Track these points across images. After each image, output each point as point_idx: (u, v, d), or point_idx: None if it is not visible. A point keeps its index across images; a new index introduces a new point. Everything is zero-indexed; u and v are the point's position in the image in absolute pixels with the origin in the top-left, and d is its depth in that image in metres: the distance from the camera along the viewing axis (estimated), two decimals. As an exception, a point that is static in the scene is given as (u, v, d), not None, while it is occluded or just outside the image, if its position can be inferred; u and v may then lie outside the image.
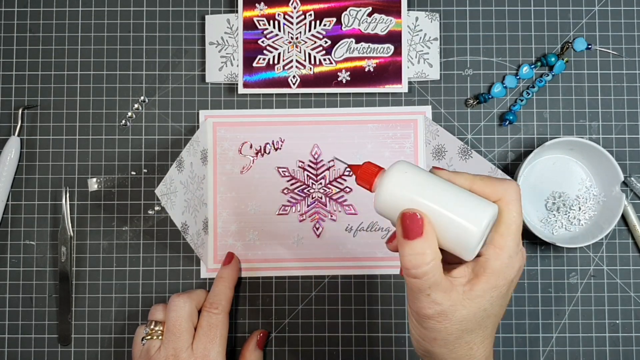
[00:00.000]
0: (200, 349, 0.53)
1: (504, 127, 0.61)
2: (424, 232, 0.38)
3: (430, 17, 0.60)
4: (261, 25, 0.60)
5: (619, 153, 0.61)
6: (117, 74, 0.61)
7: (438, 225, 0.38)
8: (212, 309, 0.55)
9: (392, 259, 0.60)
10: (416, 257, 0.38)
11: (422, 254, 0.38)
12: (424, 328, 0.41)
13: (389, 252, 0.59)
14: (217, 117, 0.61)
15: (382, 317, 0.60)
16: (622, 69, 0.61)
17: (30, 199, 0.60)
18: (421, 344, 0.42)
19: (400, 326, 0.60)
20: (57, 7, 0.62)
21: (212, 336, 0.54)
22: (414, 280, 0.39)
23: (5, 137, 0.60)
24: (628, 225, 0.60)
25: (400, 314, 0.60)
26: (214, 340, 0.54)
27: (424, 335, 0.42)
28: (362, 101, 0.61)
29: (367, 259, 0.60)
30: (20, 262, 0.60)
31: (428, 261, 0.38)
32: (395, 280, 0.60)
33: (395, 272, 0.60)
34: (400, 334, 0.60)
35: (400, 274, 0.40)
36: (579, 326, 0.60)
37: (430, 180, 0.39)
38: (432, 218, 0.38)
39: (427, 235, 0.38)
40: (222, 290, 0.56)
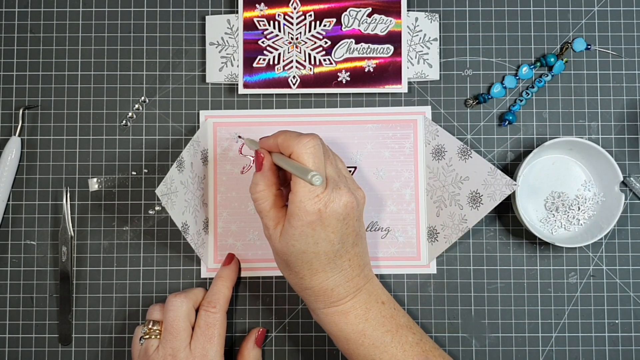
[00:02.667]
0: (199, 349, 0.53)
1: (504, 127, 0.61)
2: (262, 168, 0.50)
3: (429, 17, 0.61)
4: (261, 25, 0.60)
5: (618, 153, 0.61)
6: (118, 74, 0.62)
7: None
8: (209, 308, 0.55)
9: (392, 259, 0.60)
10: (253, 185, 0.50)
11: (256, 184, 0.50)
12: (272, 252, 0.52)
13: (389, 252, 0.60)
14: (218, 118, 0.61)
15: (382, 316, 0.60)
16: (622, 69, 0.61)
17: (31, 199, 0.61)
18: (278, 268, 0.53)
19: (400, 326, 0.60)
20: (58, 7, 0.62)
21: (210, 335, 0.54)
22: (254, 204, 0.51)
23: (6, 137, 0.61)
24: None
25: (400, 313, 0.60)
26: (211, 339, 0.54)
27: (275, 259, 0.52)
28: (362, 101, 0.61)
29: (367, 259, 0.60)
30: (21, 262, 0.60)
31: (259, 190, 0.50)
32: (395, 280, 0.60)
33: (395, 271, 0.60)
34: (400, 334, 0.60)
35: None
36: (578, 326, 0.60)
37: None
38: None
39: (264, 171, 0.50)
40: (220, 289, 0.56)
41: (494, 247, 0.60)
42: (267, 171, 0.50)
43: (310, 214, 0.47)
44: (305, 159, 0.47)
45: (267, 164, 0.50)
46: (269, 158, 0.50)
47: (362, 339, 0.51)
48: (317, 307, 0.52)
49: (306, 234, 0.47)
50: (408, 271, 0.60)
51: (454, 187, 0.58)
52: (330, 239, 0.48)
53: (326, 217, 0.47)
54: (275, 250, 0.50)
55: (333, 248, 0.49)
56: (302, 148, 0.47)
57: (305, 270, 0.50)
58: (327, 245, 0.48)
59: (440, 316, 0.60)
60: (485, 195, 0.56)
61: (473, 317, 0.60)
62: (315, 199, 0.47)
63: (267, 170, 0.50)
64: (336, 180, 0.49)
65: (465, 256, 0.60)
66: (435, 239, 0.59)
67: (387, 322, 0.51)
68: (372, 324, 0.51)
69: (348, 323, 0.51)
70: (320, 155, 0.48)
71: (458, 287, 0.60)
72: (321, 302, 0.51)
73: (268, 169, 0.50)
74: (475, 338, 0.60)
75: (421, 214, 0.60)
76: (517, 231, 0.60)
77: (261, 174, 0.50)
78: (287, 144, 0.49)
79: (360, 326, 0.51)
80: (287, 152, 0.49)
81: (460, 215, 0.58)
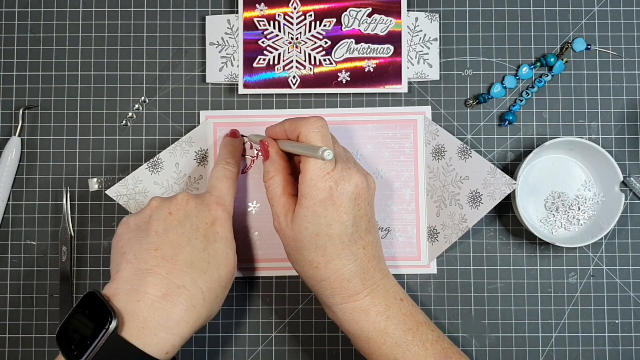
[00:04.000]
0: (218, 189, 0.53)
1: (504, 127, 0.61)
2: (269, 155, 0.51)
3: (430, 17, 0.61)
4: (261, 25, 0.60)
5: (618, 153, 0.61)
6: (118, 74, 0.62)
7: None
8: (226, 165, 0.55)
9: (393, 259, 0.60)
10: (264, 173, 0.51)
11: (267, 172, 0.51)
12: (283, 245, 0.51)
13: (389, 252, 0.60)
14: (218, 118, 0.61)
15: (382, 316, 0.60)
16: (622, 69, 0.61)
17: (31, 199, 0.61)
18: (290, 262, 0.52)
19: (400, 326, 0.60)
20: (58, 7, 0.62)
21: (230, 185, 0.54)
22: (266, 192, 0.51)
23: (6, 137, 0.61)
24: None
25: (400, 313, 0.60)
26: (230, 188, 0.54)
27: (286, 253, 0.51)
28: (362, 101, 0.61)
29: (367, 259, 0.60)
30: (21, 262, 0.60)
31: (270, 176, 0.51)
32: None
33: (395, 271, 0.60)
34: (400, 334, 0.60)
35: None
36: (578, 326, 0.60)
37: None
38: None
39: (272, 158, 0.51)
40: (229, 149, 0.57)
41: (494, 247, 0.60)
42: (275, 156, 0.51)
43: (321, 190, 0.47)
44: (313, 137, 0.48)
45: (273, 150, 0.51)
46: (274, 144, 0.51)
47: (384, 337, 0.49)
48: (335, 303, 0.50)
49: (318, 214, 0.47)
50: (408, 271, 0.60)
51: (454, 187, 0.58)
52: (343, 220, 0.48)
53: (337, 196, 0.47)
54: (287, 239, 0.50)
55: (347, 231, 0.48)
56: (310, 127, 0.48)
57: (319, 256, 0.48)
58: (340, 227, 0.48)
59: (440, 316, 0.60)
60: (485, 194, 0.56)
61: (473, 317, 0.60)
62: (326, 176, 0.47)
63: (274, 155, 0.51)
64: (344, 160, 0.49)
65: (466, 256, 0.60)
66: (435, 239, 0.59)
67: (407, 320, 0.50)
68: (394, 322, 0.49)
69: (369, 321, 0.49)
70: (328, 133, 0.49)
71: (458, 287, 0.60)
72: (338, 295, 0.49)
73: (275, 154, 0.51)
74: (475, 338, 0.60)
75: (421, 213, 0.60)
76: (517, 231, 0.60)
77: (270, 161, 0.51)
78: (294, 127, 0.49)
79: (382, 324, 0.49)
80: (295, 135, 0.49)
81: (460, 214, 0.58)
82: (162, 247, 0.47)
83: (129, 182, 0.57)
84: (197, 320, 0.46)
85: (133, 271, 0.46)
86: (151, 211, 0.50)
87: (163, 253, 0.47)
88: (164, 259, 0.46)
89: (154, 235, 0.47)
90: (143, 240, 0.47)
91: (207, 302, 0.47)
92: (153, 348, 0.43)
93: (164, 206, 0.49)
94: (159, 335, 0.44)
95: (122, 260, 0.47)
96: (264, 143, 0.52)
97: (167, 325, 0.44)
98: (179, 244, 0.47)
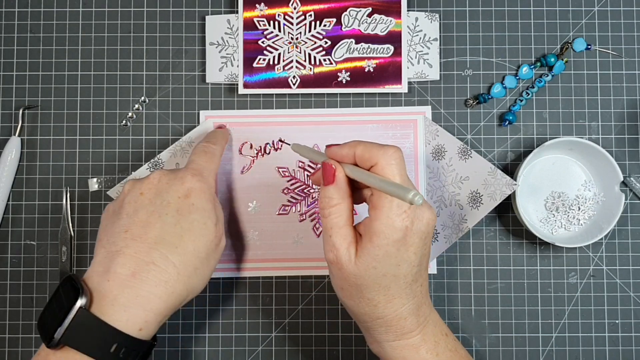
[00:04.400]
0: (196, 162, 0.52)
1: (504, 127, 0.61)
2: (335, 180, 0.46)
3: (430, 17, 0.61)
4: (261, 25, 0.60)
5: (618, 153, 0.61)
6: (118, 75, 0.62)
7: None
8: (209, 144, 0.55)
9: (392, 259, 0.60)
10: (325, 199, 0.46)
11: (330, 198, 0.46)
12: (332, 276, 0.47)
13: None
14: (218, 118, 0.61)
15: (382, 316, 0.60)
16: (622, 69, 0.61)
17: (31, 199, 0.61)
18: (337, 294, 0.48)
19: (400, 326, 0.60)
20: (58, 7, 0.62)
21: (208, 158, 0.53)
22: (323, 220, 0.47)
23: (6, 138, 0.61)
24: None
25: (400, 313, 0.60)
26: (208, 161, 0.53)
27: (334, 285, 0.48)
28: (362, 101, 0.61)
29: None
30: (20, 262, 0.60)
31: (334, 204, 0.46)
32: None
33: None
34: (400, 334, 0.60)
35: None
36: (578, 326, 0.60)
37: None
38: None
39: (338, 183, 0.46)
40: (217, 132, 0.58)
41: (494, 247, 0.60)
42: (342, 183, 0.46)
43: (397, 231, 0.44)
44: (391, 171, 0.44)
45: (341, 176, 0.46)
46: (342, 169, 0.47)
47: None
48: (387, 340, 0.47)
49: (390, 254, 0.44)
50: (408, 271, 0.60)
51: (454, 187, 0.58)
52: (411, 260, 0.45)
53: (411, 236, 0.44)
54: (345, 273, 0.45)
55: (412, 271, 0.45)
56: (389, 159, 0.44)
57: (381, 296, 0.46)
58: (407, 267, 0.45)
59: (440, 316, 0.60)
60: (486, 195, 0.56)
61: (473, 317, 0.60)
62: (403, 215, 0.44)
63: (341, 182, 0.46)
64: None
65: (466, 256, 0.60)
66: (435, 239, 0.59)
67: (454, 357, 0.48)
68: (442, 358, 0.48)
69: (419, 358, 0.47)
70: (405, 167, 0.46)
71: (458, 287, 0.60)
72: (392, 333, 0.47)
73: (343, 180, 0.46)
74: (476, 338, 0.60)
75: (421, 214, 0.60)
76: (517, 231, 0.60)
77: (336, 188, 0.46)
78: (369, 155, 0.45)
79: None
80: (368, 164, 0.45)
81: (461, 215, 0.58)
82: (131, 228, 0.47)
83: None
84: (172, 294, 0.46)
85: (105, 254, 0.47)
86: (124, 195, 0.49)
87: (132, 233, 0.47)
88: (133, 239, 0.46)
89: (125, 217, 0.48)
90: (116, 224, 0.48)
91: (183, 275, 0.47)
92: (123, 324, 0.44)
93: (136, 187, 0.49)
94: (129, 311, 0.44)
95: (98, 246, 0.48)
96: (329, 166, 0.47)
97: (137, 302, 0.45)
98: (149, 222, 0.47)
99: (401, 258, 0.45)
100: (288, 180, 0.60)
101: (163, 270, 0.46)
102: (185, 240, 0.47)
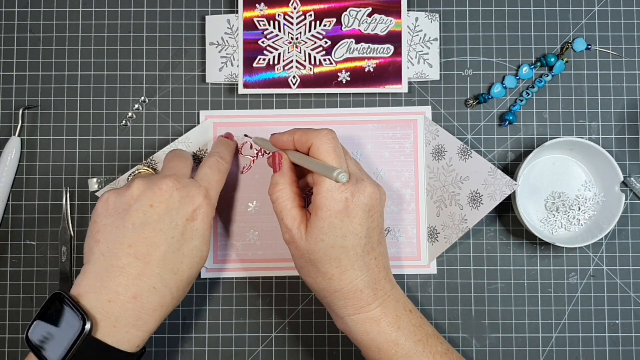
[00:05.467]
0: (203, 177, 0.52)
1: (504, 127, 0.61)
2: (281, 167, 0.51)
3: (430, 17, 0.61)
4: (261, 25, 0.60)
5: (618, 153, 0.61)
6: (118, 74, 0.61)
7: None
8: (219, 159, 0.55)
9: (393, 259, 0.60)
10: (272, 185, 0.50)
11: (276, 184, 0.50)
12: (292, 257, 0.51)
13: (389, 252, 0.59)
14: (218, 117, 0.61)
15: (382, 317, 0.60)
16: (622, 69, 0.61)
17: (31, 199, 0.61)
18: (300, 275, 0.51)
19: (400, 326, 0.60)
20: (58, 7, 0.62)
21: (220, 178, 0.53)
22: (273, 205, 0.50)
23: (6, 137, 0.60)
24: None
25: (400, 313, 0.60)
26: (217, 175, 0.53)
27: (296, 266, 0.51)
28: (362, 101, 0.61)
29: (367, 259, 0.60)
30: (20, 262, 0.60)
31: (279, 189, 0.50)
32: (395, 281, 0.60)
33: (395, 271, 0.60)
34: (400, 334, 0.60)
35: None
36: (578, 326, 0.60)
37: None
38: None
39: (283, 169, 0.51)
40: (227, 146, 0.57)
41: (494, 247, 0.60)
42: (286, 169, 0.51)
43: (338, 201, 0.47)
44: (325, 150, 0.48)
45: (285, 163, 0.51)
46: (287, 157, 0.51)
47: (395, 348, 0.49)
48: (347, 314, 0.50)
49: (334, 225, 0.47)
50: (408, 271, 0.60)
51: (454, 187, 0.58)
52: (357, 232, 0.48)
53: (353, 207, 0.47)
54: (300, 250, 0.49)
55: (360, 242, 0.48)
56: (322, 139, 0.48)
57: (334, 268, 0.48)
58: (354, 238, 0.48)
59: (440, 316, 0.60)
60: (486, 195, 0.56)
61: (473, 318, 0.60)
62: (342, 187, 0.47)
63: (286, 168, 0.51)
64: (357, 172, 0.50)
65: (466, 256, 0.60)
66: (435, 239, 0.59)
67: (417, 331, 0.50)
68: (404, 332, 0.49)
69: (380, 332, 0.49)
70: (339, 145, 0.49)
71: (458, 287, 0.60)
72: (351, 306, 0.49)
73: (287, 167, 0.51)
74: (476, 338, 0.60)
75: (421, 214, 0.60)
76: (518, 231, 0.60)
77: (280, 174, 0.51)
78: (305, 139, 0.49)
79: (393, 335, 0.49)
80: (305, 147, 0.49)
81: (461, 215, 0.58)
82: (136, 244, 0.47)
83: (120, 183, 0.57)
84: (164, 316, 0.49)
85: (105, 266, 0.47)
86: (132, 199, 0.48)
87: (137, 251, 0.47)
88: (137, 258, 0.47)
89: (131, 228, 0.47)
90: (119, 232, 0.47)
91: (175, 298, 0.49)
92: (125, 344, 0.46)
93: (146, 196, 0.48)
94: (130, 332, 0.46)
95: (95, 249, 0.47)
96: (277, 155, 0.51)
97: (137, 324, 0.46)
98: (154, 241, 0.47)
99: (346, 229, 0.47)
100: (288, 180, 0.60)
101: (162, 295, 0.48)
102: (183, 266, 0.49)
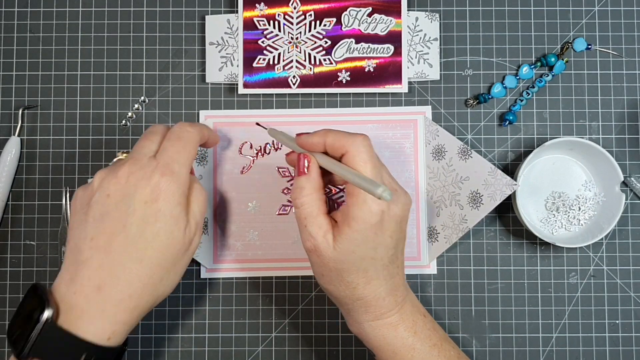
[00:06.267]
0: (166, 154, 0.47)
1: (504, 127, 0.61)
2: (308, 171, 0.47)
3: (430, 17, 0.60)
4: (261, 25, 0.60)
5: (618, 153, 0.61)
6: (117, 74, 0.61)
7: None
8: (186, 126, 0.49)
9: (392, 259, 0.60)
10: (298, 189, 0.47)
11: (302, 188, 0.47)
12: (312, 264, 0.48)
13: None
14: (218, 117, 0.61)
15: (382, 317, 0.60)
16: (622, 69, 0.61)
17: (31, 199, 0.61)
18: (318, 281, 0.49)
19: (400, 326, 0.60)
20: (57, 7, 0.62)
21: (181, 147, 0.48)
22: (296, 211, 0.48)
23: (6, 137, 0.60)
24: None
25: (400, 314, 0.60)
26: (181, 150, 0.48)
27: (314, 272, 0.49)
28: (362, 101, 0.61)
29: (367, 259, 0.60)
30: (20, 262, 0.60)
31: (306, 194, 0.47)
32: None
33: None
34: (400, 334, 0.60)
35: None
36: (578, 326, 0.60)
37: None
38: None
39: (311, 174, 0.47)
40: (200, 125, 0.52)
41: (495, 247, 0.60)
42: (314, 174, 0.47)
43: (374, 215, 0.45)
44: (362, 160, 0.45)
45: (314, 168, 0.47)
46: (315, 162, 0.48)
47: (411, 353, 0.48)
48: (365, 320, 0.49)
49: (367, 238, 0.45)
50: (408, 271, 0.60)
51: (454, 187, 0.58)
52: (387, 244, 0.46)
53: (387, 220, 0.46)
54: (325, 259, 0.47)
55: (388, 253, 0.47)
56: (359, 147, 0.45)
57: (360, 278, 0.47)
58: (384, 250, 0.46)
59: (440, 316, 0.60)
60: (486, 195, 0.56)
61: (473, 318, 0.60)
62: (379, 200, 0.44)
63: (314, 173, 0.47)
64: (391, 182, 0.48)
65: (466, 256, 0.60)
66: (435, 239, 0.59)
67: (432, 336, 0.49)
68: (421, 337, 0.49)
69: (397, 337, 0.49)
70: (375, 154, 0.46)
71: (458, 287, 0.60)
72: (371, 313, 0.48)
73: (316, 172, 0.47)
74: (476, 338, 0.60)
75: (421, 214, 0.60)
76: (518, 231, 0.60)
77: (307, 178, 0.47)
78: (339, 144, 0.46)
79: (409, 340, 0.49)
80: (338, 153, 0.46)
81: (461, 215, 0.57)
82: (97, 237, 0.45)
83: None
84: (137, 307, 0.46)
85: (72, 260, 0.46)
86: (92, 192, 0.46)
87: (97, 243, 0.45)
88: (98, 250, 0.45)
89: (91, 222, 0.46)
90: (82, 226, 0.46)
91: (149, 286, 0.46)
92: (92, 335, 0.44)
93: (103, 187, 0.46)
94: (96, 323, 0.44)
95: (67, 246, 0.47)
96: (304, 157, 0.48)
97: (104, 316, 0.44)
98: (113, 231, 0.45)
99: (378, 242, 0.46)
100: (288, 180, 0.60)
101: (128, 284, 0.45)
102: (149, 252, 0.45)
